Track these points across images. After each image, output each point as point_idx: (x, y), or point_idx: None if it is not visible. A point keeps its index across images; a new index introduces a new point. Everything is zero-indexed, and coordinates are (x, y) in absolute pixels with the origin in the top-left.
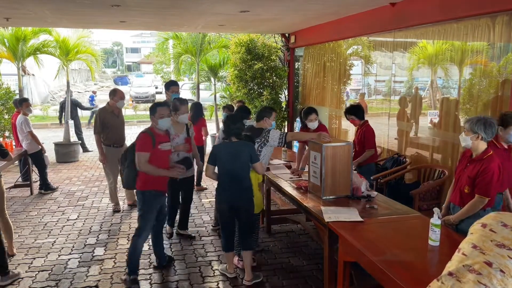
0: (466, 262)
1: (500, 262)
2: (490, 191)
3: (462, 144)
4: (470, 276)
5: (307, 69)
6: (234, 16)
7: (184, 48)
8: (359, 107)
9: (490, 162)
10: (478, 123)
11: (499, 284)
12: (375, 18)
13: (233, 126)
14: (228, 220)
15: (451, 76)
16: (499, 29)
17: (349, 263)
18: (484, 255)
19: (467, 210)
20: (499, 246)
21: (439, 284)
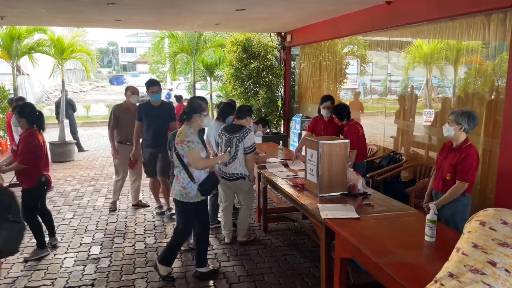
0: (468, 262)
1: (505, 262)
2: (469, 177)
3: (444, 134)
4: (472, 276)
5: (303, 68)
6: (230, 15)
7: (180, 47)
8: (342, 107)
9: (469, 150)
10: (463, 116)
11: (503, 284)
12: (371, 17)
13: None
14: None
15: (446, 75)
16: (494, 27)
17: (346, 259)
18: (486, 255)
19: (449, 195)
20: (502, 245)
21: (437, 285)
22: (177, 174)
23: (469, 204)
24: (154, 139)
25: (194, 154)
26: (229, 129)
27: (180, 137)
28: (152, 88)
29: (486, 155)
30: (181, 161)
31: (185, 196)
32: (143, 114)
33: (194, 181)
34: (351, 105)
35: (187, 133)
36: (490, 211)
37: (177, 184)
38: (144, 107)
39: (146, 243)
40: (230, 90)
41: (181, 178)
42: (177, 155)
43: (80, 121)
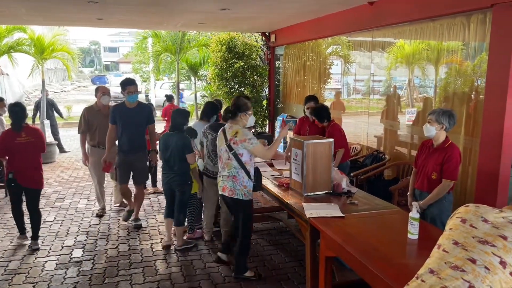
0: (448, 259)
1: (485, 259)
2: (455, 175)
3: (426, 134)
4: (452, 273)
5: (288, 68)
6: (214, 14)
7: (163, 46)
8: (321, 109)
9: (453, 149)
10: (443, 115)
11: (483, 281)
12: (354, 17)
13: (177, 120)
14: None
15: (428, 75)
16: (474, 28)
17: (331, 258)
18: (466, 252)
19: (437, 193)
20: (481, 242)
21: (418, 282)
22: (235, 174)
23: (452, 201)
24: (130, 144)
25: (260, 148)
26: (216, 129)
27: (238, 136)
28: (129, 88)
29: (467, 154)
30: (239, 161)
31: (247, 194)
32: (117, 116)
33: (251, 178)
34: (334, 105)
35: (244, 131)
36: (471, 207)
37: (238, 184)
38: (119, 108)
39: (130, 245)
40: (215, 90)
41: (240, 177)
42: (235, 155)
43: (61, 122)
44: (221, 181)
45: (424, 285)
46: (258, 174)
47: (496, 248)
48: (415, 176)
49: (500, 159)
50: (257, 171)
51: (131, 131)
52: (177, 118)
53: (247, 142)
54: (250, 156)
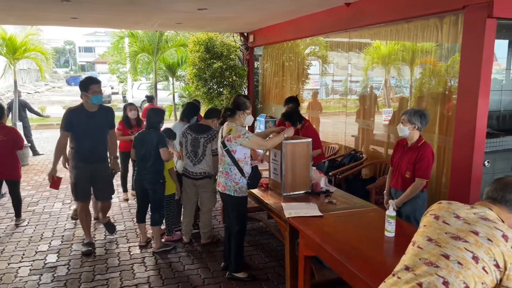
0: (423, 255)
1: (458, 255)
2: (428, 174)
3: (400, 134)
4: (427, 269)
5: (266, 68)
6: (191, 14)
7: (140, 46)
8: (291, 113)
9: (425, 148)
10: (415, 115)
11: (456, 276)
12: (331, 18)
13: (153, 119)
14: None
15: (403, 75)
16: (446, 29)
17: (310, 257)
18: (440, 248)
19: (410, 192)
20: (454, 238)
21: (395, 279)
22: (227, 171)
23: (426, 199)
24: (92, 153)
25: (256, 140)
26: (195, 129)
27: (232, 134)
28: (94, 87)
29: (441, 152)
30: (232, 157)
31: (239, 191)
32: (75, 122)
33: (245, 175)
34: (311, 105)
35: (238, 128)
36: (444, 204)
37: (229, 180)
38: (76, 113)
39: (107, 248)
40: (193, 90)
41: (232, 174)
42: (228, 152)
43: (35, 123)
44: (218, 177)
45: (400, 282)
46: (255, 173)
47: (469, 243)
48: (391, 175)
49: (472, 157)
50: (254, 170)
51: (93, 138)
52: (152, 116)
53: (241, 137)
54: (245, 154)
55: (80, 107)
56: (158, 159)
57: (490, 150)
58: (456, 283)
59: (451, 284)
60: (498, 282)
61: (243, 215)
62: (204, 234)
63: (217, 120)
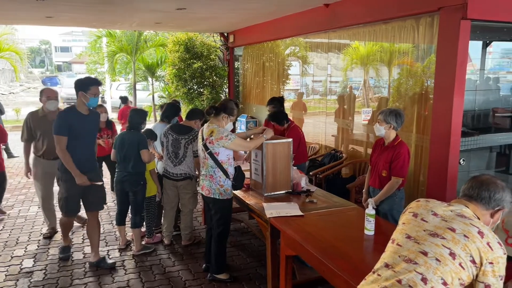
0: (402, 253)
1: (436, 251)
2: (403, 172)
3: (376, 134)
4: (406, 266)
5: (247, 69)
6: (170, 14)
7: (118, 46)
8: (277, 113)
9: (401, 147)
10: (390, 115)
11: (434, 272)
12: (311, 19)
13: (134, 119)
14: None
15: (382, 76)
16: (422, 31)
17: (291, 257)
18: (419, 245)
19: (386, 191)
20: (432, 235)
21: (375, 276)
22: (211, 173)
23: (404, 198)
24: (88, 160)
25: (238, 142)
26: (177, 130)
27: (214, 135)
28: (95, 88)
29: (418, 151)
30: (215, 160)
31: (224, 194)
32: (73, 125)
33: (230, 177)
34: (295, 106)
35: (219, 130)
36: (422, 202)
37: (214, 183)
38: (72, 115)
39: (85, 252)
40: (173, 91)
41: (216, 177)
42: (211, 154)
43: (9, 125)
44: (201, 180)
45: (380, 279)
46: (239, 173)
47: (446, 240)
48: (370, 174)
49: (448, 155)
50: (238, 170)
51: (89, 144)
52: (134, 117)
53: (224, 139)
54: (228, 155)
55: (73, 109)
56: (139, 161)
57: (465, 148)
58: (434, 279)
59: (429, 280)
60: (475, 277)
61: (227, 217)
62: (185, 235)
63: (199, 121)
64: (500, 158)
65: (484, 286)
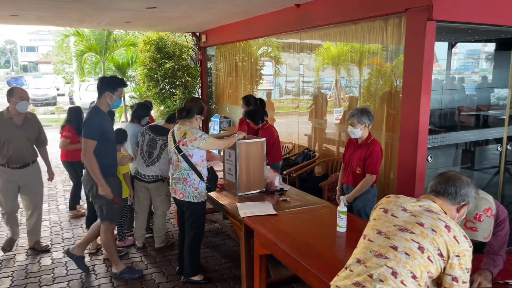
0: (373, 248)
1: (405, 246)
2: (377, 170)
3: (353, 137)
4: (377, 261)
5: (220, 69)
6: (140, 13)
7: (87, 46)
8: (254, 111)
9: (374, 145)
10: (363, 115)
11: (404, 266)
12: (282, 19)
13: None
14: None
15: (353, 76)
16: (391, 31)
17: (265, 256)
18: (389, 240)
19: (361, 188)
20: (402, 230)
21: (347, 272)
22: (185, 176)
23: (376, 194)
24: (115, 165)
25: (212, 140)
26: (155, 130)
27: (188, 137)
28: (121, 90)
29: (388, 148)
30: (189, 162)
31: (199, 196)
32: (106, 126)
33: (204, 179)
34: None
35: (193, 131)
36: (392, 198)
37: (188, 186)
38: (103, 116)
39: (53, 258)
40: (144, 91)
41: (191, 179)
42: (184, 157)
43: None
44: (173, 183)
45: (352, 275)
46: (212, 175)
47: (415, 234)
48: (343, 172)
49: (416, 152)
50: (211, 171)
51: (114, 148)
52: None
53: (198, 140)
54: (201, 157)
55: (100, 110)
56: None
57: (432, 146)
58: (404, 273)
59: (399, 274)
60: (442, 270)
61: (201, 220)
62: (158, 238)
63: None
64: (465, 155)
65: (452, 279)
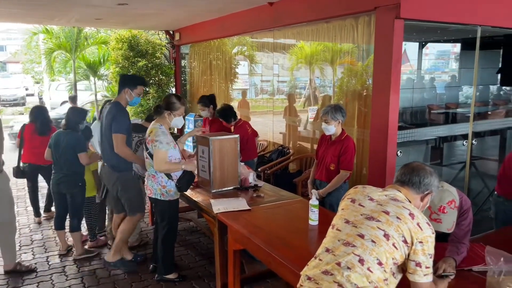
0: (341, 237)
1: (371, 233)
2: (351, 166)
3: (327, 133)
4: (345, 249)
5: (194, 67)
6: (111, 9)
7: (56, 43)
8: (225, 109)
9: (348, 142)
10: (336, 112)
11: (370, 253)
12: (256, 17)
13: (71, 118)
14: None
15: (326, 75)
16: (361, 30)
17: (239, 251)
18: (356, 228)
19: (335, 183)
20: (368, 218)
21: (316, 261)
22: (153, 173)
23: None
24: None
25: (160, 155)
26: (135, 128)
27: (151, 136)
28: (140, 88)
29: (360, 144)
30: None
31: (166, 195)
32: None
33: (172, 178)
34: (241, 104)
35: (157, 132)
36: (359, 188)
37: (155, 183)
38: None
39: (22, 260)
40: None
41: (158, 177)
42: (150, 154)
43: None
44: (146, 179)
45: (321, 263)
46: (185, 175)
47: (381, 222)
48: (316, 167)
49: (386, 147)
50: (186, 173)
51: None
52: (71, 116)
53: (153, 142)
54: (170, 156)
55: (122, 105)
56: (76, 161)
57: (402, 141)
58: (370, 260)
59: (365, 261)
60: (407, 257)
61: (171, 218)
62: (132, 237)
63: None
64: (434, 151)
65: (415, 264)
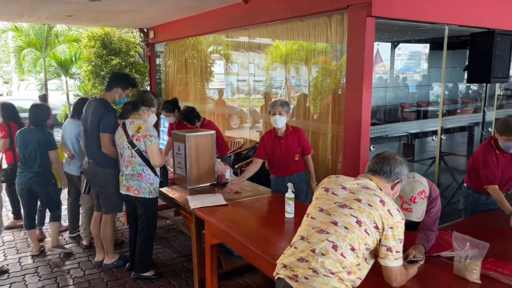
0: (315, 225)
1: (344, 220)
2: (310, 148)
3: (279, 125)
4: (319, 236)
5: (169, 66)
6: (83, 6)
7: (26, 41)
8: (188, 111)
9: (299, 130)
10: (287, 105)
11: (343, 240)
12: (231, 15)
13: (38, 115)
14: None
15: (302, 74)
16: (334, 28)
17: (216, 246)
18: (330, 216)
19: (312, 169)
20: (341, 206)
21: (292, 249)
22: (140, 172)
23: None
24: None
25: (155, 148)
26: None
27: (141, 132)
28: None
29: (334, 139)
30: (143, 157)
31: (154, 192)
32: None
33: (157, 174)
34: (217, 103)
35: (147, 127)
36: (332, 178)
37: (143, 182)
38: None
39: None
40: (90, 89)
41: (146, 175)
42: (138, 152)
43: None
44: (125, 180)
45: (296, 251)
46: (164, 169)
47: (353, 209)
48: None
49: (360, 143)
50: (164, 169)
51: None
52: (37, 113)
53: (147, 137)
54: None
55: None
56: (46, 159)
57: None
58: (344, 246)
59: (339, 247)
60: (378, 242)
61: (155, 216)
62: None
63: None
64: (406, 148)
65: (386, 249)
